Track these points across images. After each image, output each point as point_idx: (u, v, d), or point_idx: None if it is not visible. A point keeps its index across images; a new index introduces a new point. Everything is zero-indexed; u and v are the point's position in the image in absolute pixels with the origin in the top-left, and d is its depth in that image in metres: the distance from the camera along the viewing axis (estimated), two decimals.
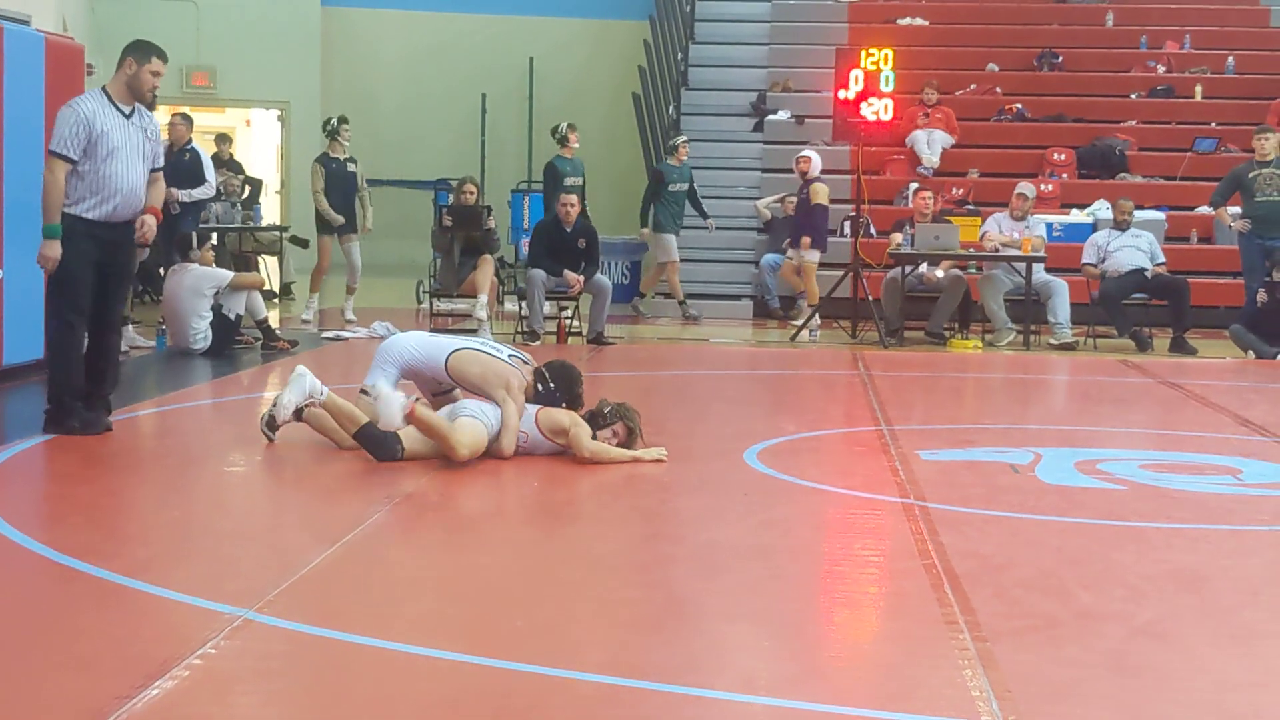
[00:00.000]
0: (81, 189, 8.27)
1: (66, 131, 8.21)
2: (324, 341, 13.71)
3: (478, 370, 8.06)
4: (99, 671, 4.40)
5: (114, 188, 8.29)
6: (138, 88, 8.42)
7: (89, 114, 8.24)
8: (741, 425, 9.47)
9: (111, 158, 8.26)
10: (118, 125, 8.31)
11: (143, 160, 8.42)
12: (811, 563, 6.25)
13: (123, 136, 8.30)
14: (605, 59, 24.22)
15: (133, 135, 8.36)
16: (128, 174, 8.33)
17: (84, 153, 8.21)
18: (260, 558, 5.96)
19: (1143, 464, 8.33)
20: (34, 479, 7.75)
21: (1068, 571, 5.94)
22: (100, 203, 8.29)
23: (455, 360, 8.15)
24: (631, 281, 19.20)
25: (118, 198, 8.30)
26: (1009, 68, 21.13)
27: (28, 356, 10.66)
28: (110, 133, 8.25)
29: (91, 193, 8.29)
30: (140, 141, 8.40)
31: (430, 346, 8.35)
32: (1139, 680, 4.60)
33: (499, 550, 6.33)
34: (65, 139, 8.20)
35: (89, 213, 8.29)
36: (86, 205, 8.29)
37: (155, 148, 8.57)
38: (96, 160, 8.24)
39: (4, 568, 5.70)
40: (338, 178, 15.74)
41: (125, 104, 8.39)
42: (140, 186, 8.42)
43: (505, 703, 4.26)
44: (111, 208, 8.32)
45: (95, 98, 8.39)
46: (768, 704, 4.31)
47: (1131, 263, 15.00)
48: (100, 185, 8.27)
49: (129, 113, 8.39)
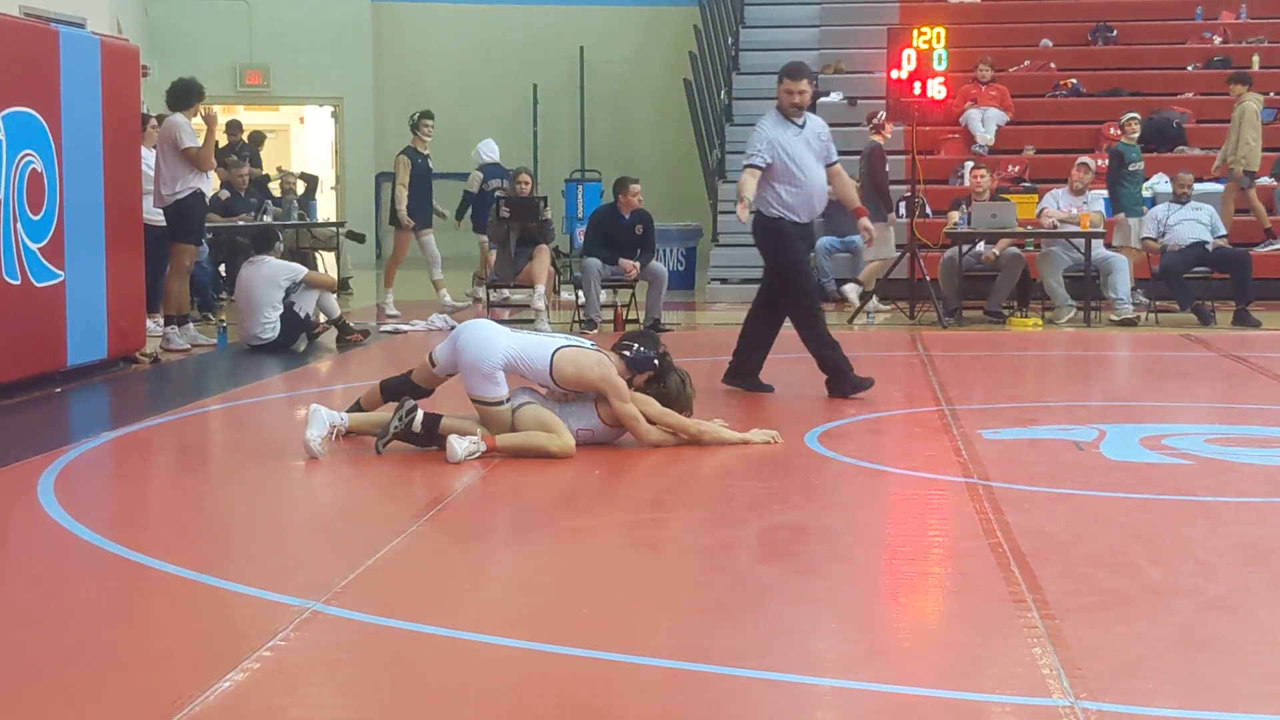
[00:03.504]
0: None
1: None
2: (383, 335, 13.76)
3: (579, 370, 7.69)
4: (172, 666, 4.44)
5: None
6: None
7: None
8: (801, 408, 9.45)
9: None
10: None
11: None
12: (876, 544, 6.23)
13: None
14: (656, 46, 24.21)
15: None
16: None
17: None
18: (326, 551, 5.99)
19: (1209, 438, 8.25)
20: (102, 478, 7.83)
21: (1135, 547, 5.89)
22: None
23: (560, 360, 7.70)
24: (687, 267, 19.20)
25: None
26: (1063, 42, 20.96)
27: (91, 357, 10.78)
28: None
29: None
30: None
31: (528, 345, 7.78)
32: (1210, 654, 4.55)
33: (562, 538, 6.34)
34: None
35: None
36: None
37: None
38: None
39: (76, 566, 5.76)
40: (421, 172, 15.88)
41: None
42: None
43: (571, 690, 4.27)
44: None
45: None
46: (836, 685, 4.30)
47: (1192, 236, 14.87)
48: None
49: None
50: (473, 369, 7.66)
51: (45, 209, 10.15)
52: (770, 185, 9.54)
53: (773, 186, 9.54)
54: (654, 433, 7.82)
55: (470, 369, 7.67)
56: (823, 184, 9.71)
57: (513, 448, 7.57)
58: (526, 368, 7.70)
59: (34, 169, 10.00)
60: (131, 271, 11.40)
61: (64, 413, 9.74)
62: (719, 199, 18.87)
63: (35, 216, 10.02)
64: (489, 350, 7.66)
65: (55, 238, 10.24)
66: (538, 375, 7.74)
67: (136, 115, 11.81)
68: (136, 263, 11.54)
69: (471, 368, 7.66)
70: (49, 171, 10.18)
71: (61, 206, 10.33)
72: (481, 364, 7.63)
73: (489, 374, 7.63)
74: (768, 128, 9.61)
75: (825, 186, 9.76)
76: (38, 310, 10.05)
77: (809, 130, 9.65)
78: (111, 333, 11.01)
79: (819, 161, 9.66)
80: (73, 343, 10.50)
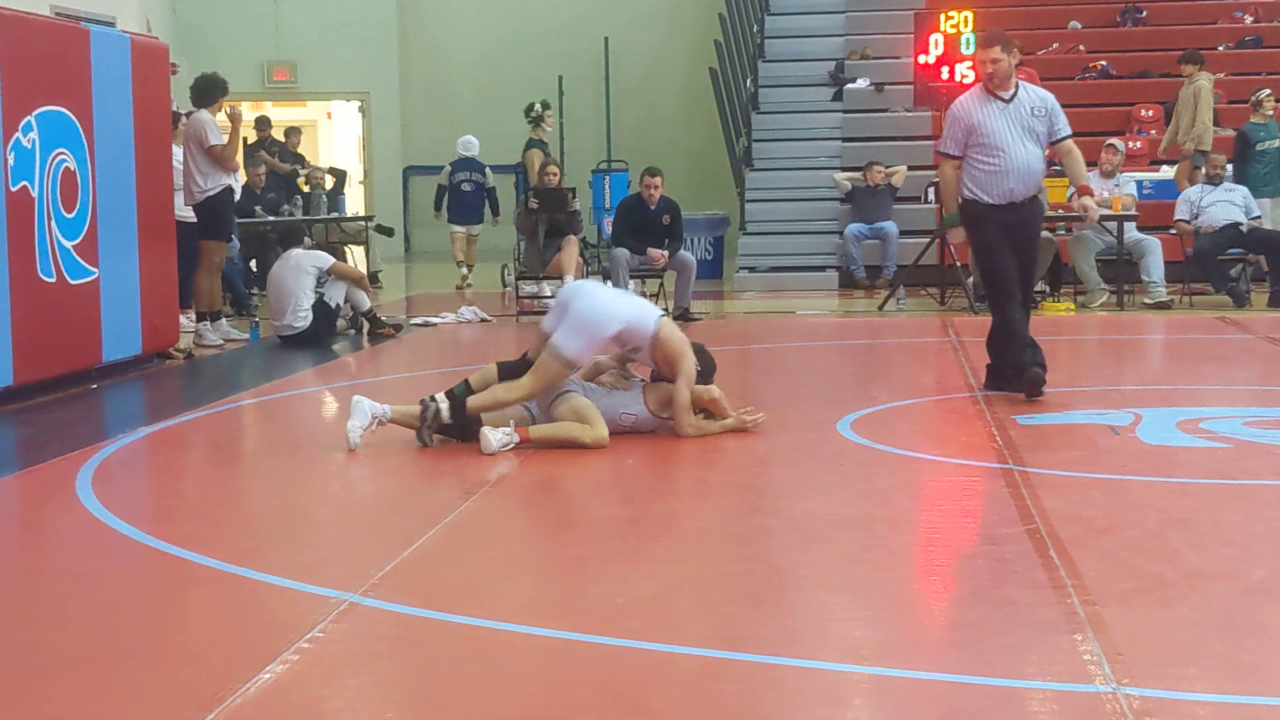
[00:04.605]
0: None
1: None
2: (413, 328, 13.78)
3: (678, 343, 7.78)
4: (211, 659, 4.46)
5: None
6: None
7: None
8: (833, 396, 9.43)
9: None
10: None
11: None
12: (911, 531, 6.20)
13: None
14: (680, 35, 24.17)
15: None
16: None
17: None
18: (363, 542, 6.00)
19: (1246, 421, 8.20)
20: (139, 472, 7.86)
21: (1175, 532, 5.85)
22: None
23: (663, 327, 7.76)
24: (715, 257, 19.18)
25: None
26: (1091, 24, 20.83)
27: (126, 353, 10.83)
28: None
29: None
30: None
31: (638, 312, 7.85)
32: (1253, 639, 4.52)
33: (597, 528, 6.34)
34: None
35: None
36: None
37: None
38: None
39: (115, 561, 5.79)
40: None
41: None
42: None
43: (608, 680, 4.27)
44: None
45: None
46: (873, 673, 4.28)
47: (1226, 217, 14.78)
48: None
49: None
50: (584, 330, 7.61)
51: (79, 207, 10.19)
52: (967, 165, 8.98)
53: (968, 166, 8.97)
54: (695, 427, 7.82)
55: (581, 329, 7.61)
56: (1026, 162, 8.85)
57: (546, 438, 7.58)
58: (632, 334, 7.74)
59: (67, 167, 10.04)
60: (164, 268, 11.45)
61: (100, 409, 9.79)
62: (746, 187, 18.83)
63: (69, 214, 10.06)
64: (609, 318, 7.70)
65: (89, 235, 10.29)
66: (639, 339, 7.76)
67: (167, 113, 11.84)
68: (169, 259, 11.58)
69: (584, 328, 7.61)
70: (82, 170, 10.22)
71: (95, 204, 10.38)
72: (599, 329, 7.66)
73: (597, 340, 7.67)
74: (959, 107, 9.02)
75: (1030, 165, 8.89)
76: (72, 307, 10.10)
77: (1018, 104, 8.91)
78: (145, 329, 11.06)
79: (1027, 137, 8.86)
80: (107, 339, 10.55)
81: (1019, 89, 8.97)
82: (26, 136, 9.57)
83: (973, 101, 8.99)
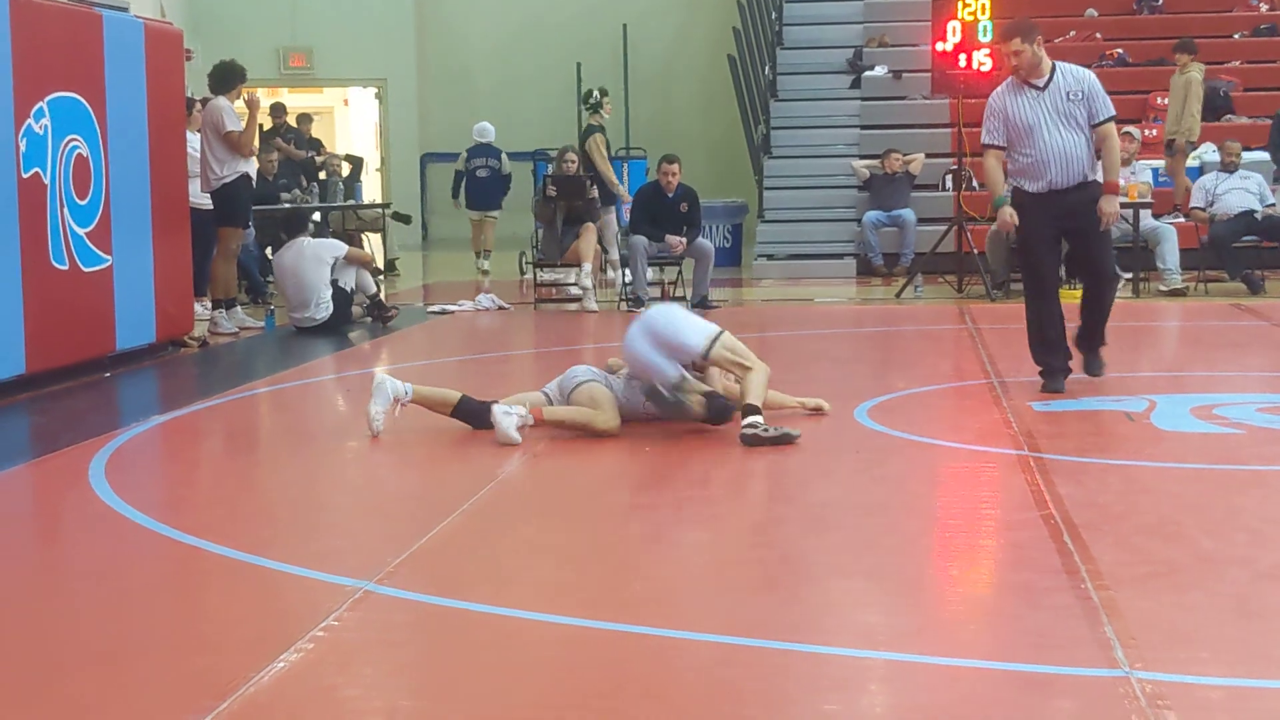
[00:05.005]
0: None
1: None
2: (430, 316, 13.79)
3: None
4: (226, 648, 4.47)
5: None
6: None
7: None
8: (850, 383, 9.42)
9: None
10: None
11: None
12: (927, 517, 6.20)
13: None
14: (699, 22, 24.14)
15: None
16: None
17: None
18: (378, 531, 6.01)
19: (1260, 407, 8.17)
20: (153, 461, 7.88)
21: (1188, 517, 5.85)
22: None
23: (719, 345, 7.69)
24: (733, 244, 19.17)
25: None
26: (1108, 12, 20.78)
27: (139, 341, 10.84)
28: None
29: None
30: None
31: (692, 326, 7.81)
32: (1265, 623, 4.52)
33: (612, 516, 6.35)
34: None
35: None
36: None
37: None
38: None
39: (129, 550, 5.80)
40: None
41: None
42: None
43: (625, 667, 4.27)
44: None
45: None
46: (889, 659, 4.29)
47: (1241, 205, 14.74)
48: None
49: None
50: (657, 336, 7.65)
51: (91, 194, 10.21)
52: (1010, 154, 8.93)
53: (1011, 156, 8.92)
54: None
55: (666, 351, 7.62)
56: (1064, 148, 8.68)
57: (559, 420, 7.61)
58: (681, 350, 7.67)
59: (80, 154, 10.05)
60: (178, 255, 11.45)
61: (113, 397, 9.81)
62: (764, 175, 18.81)
63: (82, 201, 10.08)
64: (670, 324, 7.71)
65: (102, 222, 10.30)
66: (690, 354, 7.66)
67: (181, 99, 11.85)
68: (183, 246, 11.59)
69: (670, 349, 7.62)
70: (94, 156, 10.23)
71: (108, 191, 10.39)
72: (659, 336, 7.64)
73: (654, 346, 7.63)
74: (994, 99, 8.97)
75: (1068, 152, 8.69)
76: (86, 295, 10.12)
77: (1054, 90, 8.72)
78: (159, 317, 11.07)
79: (1064, 123, 8.69)
80: (121, 327, 10.55)
81: (1056, 73, 8.77)
82: (39, 123, 9.58)
83: (1007, 92, 8.87)
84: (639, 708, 3.96)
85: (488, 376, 10.26)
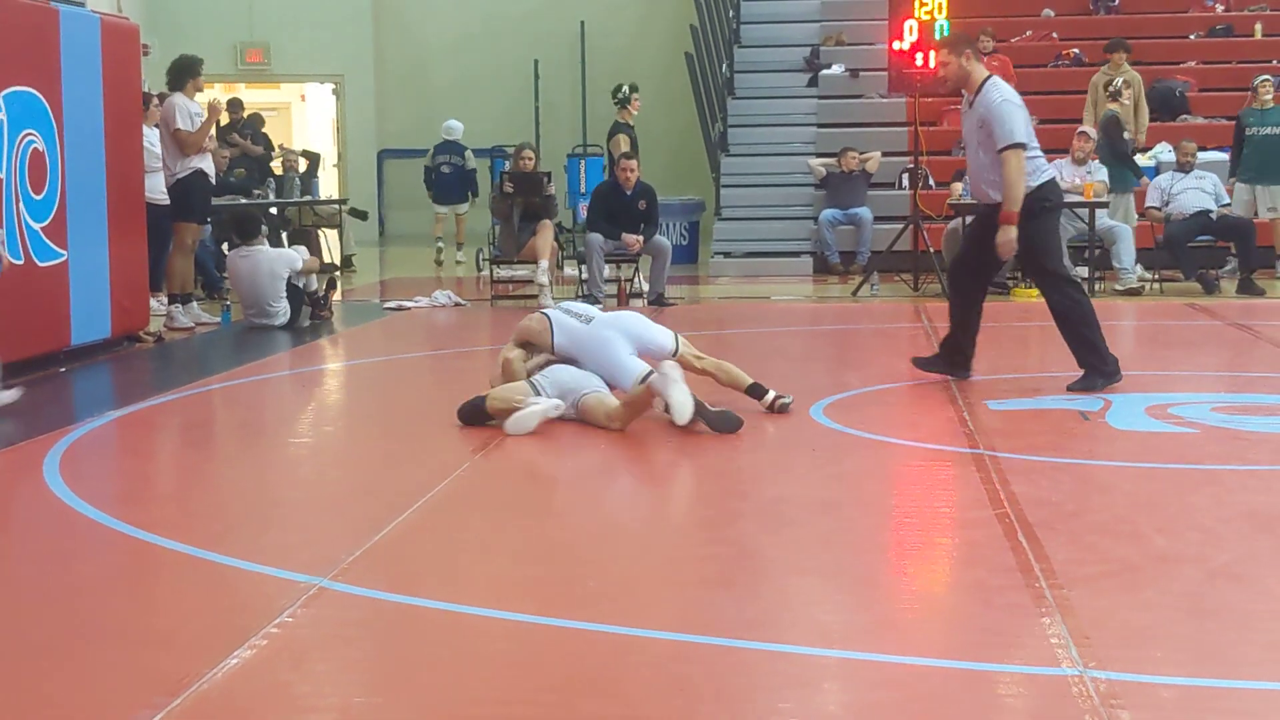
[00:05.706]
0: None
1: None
2: (386, 312, 13.74)
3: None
4: (179, 644, 4.44)
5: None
6: None
7: None
8: (805, 381, 9.42)
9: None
10: None
11: None
12: (882, 515, 6.22)
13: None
14: (657, 19, 24.13)
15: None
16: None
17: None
18: (333, 527, 5.99)
19: (1214, 407, 8.23)
20: (107, 456, 7.83)
21: (1142, 516, 5.88)
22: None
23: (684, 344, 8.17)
24: (690, 242, 19.17)
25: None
26: (1065, 12, 20.87)
27: (95, 336, 10.77)
28: None
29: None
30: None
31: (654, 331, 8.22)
32: (1217, 622, 4.55)
33: (567, 512, 6.34)
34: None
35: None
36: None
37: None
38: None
39: (83, 545, 5.76)
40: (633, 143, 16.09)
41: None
42: None
43: (579, 663, 4.27)
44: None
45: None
46: (842, 656, 4.30)
47: (1196, 205, 14.82)
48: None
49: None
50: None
51: (47, 188, 10.13)
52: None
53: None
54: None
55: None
56: (974, 167, 8.84)
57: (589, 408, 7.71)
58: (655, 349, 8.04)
59: (35, 148, 9.98)
60: (134, 250, 11.39)
61: (68, 392, 9.74)
62: (721, 172, 18.82)
63: (37, 196, 10.00)
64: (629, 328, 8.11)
65: (57, 217, 10.23)
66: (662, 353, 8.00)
67: (138, 94, 11.79)
68: (139, 241, 11.52)
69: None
70: (50, 151, 10.16)
71: (63, 186, 10.31)
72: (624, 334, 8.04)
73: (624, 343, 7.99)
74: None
75: (976, 170, 8.83)
76: (41, 290, 10.04)
77: (976, 107, 8.71)
78: (115, 312, 11.00)
79: (976, 142, 8.73)
80: (76, 322, 10.49)
81: (982, 91, 8.67)
82: None
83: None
84: (591, 703, 3.96)
85: (445, 372, 10.23)
